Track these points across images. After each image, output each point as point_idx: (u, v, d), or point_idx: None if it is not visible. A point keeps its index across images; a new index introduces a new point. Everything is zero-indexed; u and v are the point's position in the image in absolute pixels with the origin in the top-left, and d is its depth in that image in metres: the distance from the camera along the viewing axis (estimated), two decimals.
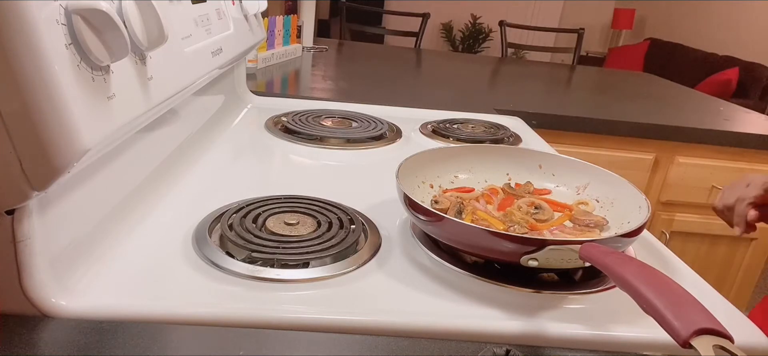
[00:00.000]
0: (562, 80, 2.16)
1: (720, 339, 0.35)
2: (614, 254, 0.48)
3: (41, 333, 0.42)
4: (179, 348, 0.42)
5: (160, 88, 0.55)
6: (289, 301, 0.49)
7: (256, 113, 1.09)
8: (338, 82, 1.64)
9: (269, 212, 0.62)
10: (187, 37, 0.66)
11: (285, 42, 1.72)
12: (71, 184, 0.47)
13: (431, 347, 0.45)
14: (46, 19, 0.38)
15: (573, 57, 2.86)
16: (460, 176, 0.75)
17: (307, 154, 0.91)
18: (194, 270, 0.52)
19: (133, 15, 0.47)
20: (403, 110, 1.23)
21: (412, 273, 0.55)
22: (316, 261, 0.54)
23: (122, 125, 0.47)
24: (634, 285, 0.42)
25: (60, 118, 0.38)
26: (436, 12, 4.83)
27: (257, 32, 1.01)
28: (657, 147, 1.49)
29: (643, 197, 0.62)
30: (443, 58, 2.57)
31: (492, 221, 0.63)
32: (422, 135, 1.06)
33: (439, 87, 1.78)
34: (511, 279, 0.55)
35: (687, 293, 0.40)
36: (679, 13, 4.99)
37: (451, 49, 5.34)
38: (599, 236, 0.62)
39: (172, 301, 0.47)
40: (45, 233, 0.43)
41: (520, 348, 0.44)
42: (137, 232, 0.57)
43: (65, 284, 0.46)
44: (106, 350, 0.41)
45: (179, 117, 0.76)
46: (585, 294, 0.55)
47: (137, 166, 0.63)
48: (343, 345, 0.45)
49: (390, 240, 0.61)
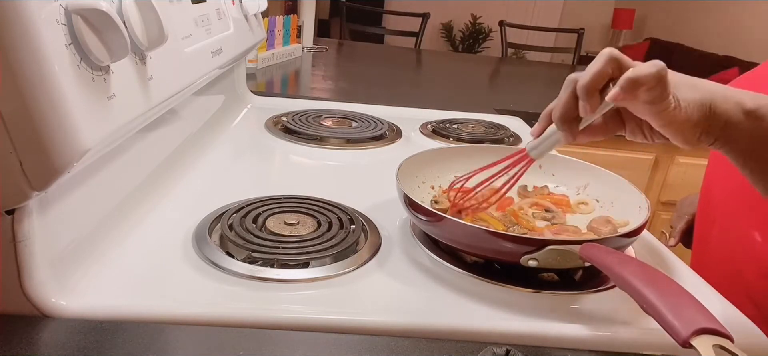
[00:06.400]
0: (562, 80, 2.15)
1: (720, 338, 0.35)
2: (614, 255, 0.48)
3: (41, 333, 0.42)
4: (179, 348, 0.42)
5: (160, 88, 0.55)
6: (289, 301, 0.49)
7: (256, 113, 1.09)
8: (338, 82, 1.64)
9: (269, 212, 0.62)
10: (187, 37, 0.66)
11: (285, 42, 1.72)
12: (71, 184, 0.47)
13: (431, 347, 0.45)
14: (46, 19, 0.38)
15: (573, 57, 2.86)
16: (460, 176, 0.75)
17: (307, 154, 0.91)
18: (194, 270, 0.52)
19: (133, 15, 0.47)
20: (403, 110, 1.23)
21: (412, 273, 0.55)
22: (316, 261, 0.54)
23: (122, 125, 0.47)
24: (634, 285, 0.42)
25: (60, 118, 0.38)
26: (436, 12, 4.82)
27: (257, 32, 1.01)
28: (657, 147, 1.49)
29: (643, 197, 0.62)
30: (443, 58, 2.56)
31: (492, 221, 0.63)
32: (422, 135, 1.06)
33: (439, 87, 1.78)
34: (511, 279, 0.54)
35: (687, 293, 0.40)
36: (679, 13, 4.99)
37: (451, 49, 5.34)
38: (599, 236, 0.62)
39: (172, 301, 0.47)
40: (45, 233, 0.43)
41: (520, 348, 0.44)
42: (137, 232, 0.57)
43: (65, 284, 0.46)
44: (106, 350, 0.41)
45: (179, 117, 0.76)
46: (585, 294, 0.55)
47: (137, 166, 0.63)
48: (343, 345, 0.44)
49: (390, 240, 0.61)
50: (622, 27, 5.44)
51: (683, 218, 0.90)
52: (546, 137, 0.55)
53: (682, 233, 0.89)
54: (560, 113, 0.51)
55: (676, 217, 0.92)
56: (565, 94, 0.51)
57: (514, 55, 3.57)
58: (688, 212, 0.89)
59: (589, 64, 0.48)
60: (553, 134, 0.54)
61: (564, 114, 0.51)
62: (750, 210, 0.69)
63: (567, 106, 0.51)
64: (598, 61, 0.47)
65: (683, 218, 0.90)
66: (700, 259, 0.80)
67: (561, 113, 0.51)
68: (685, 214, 0.90)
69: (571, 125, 0.52)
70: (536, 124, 0.56)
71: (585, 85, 0.48)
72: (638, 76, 0.44)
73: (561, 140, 0.53)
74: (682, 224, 0.89)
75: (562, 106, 0.51)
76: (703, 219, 0.80)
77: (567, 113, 0.51)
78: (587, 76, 0.48)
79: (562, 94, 0.51)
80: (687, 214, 0.89)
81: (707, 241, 0.78)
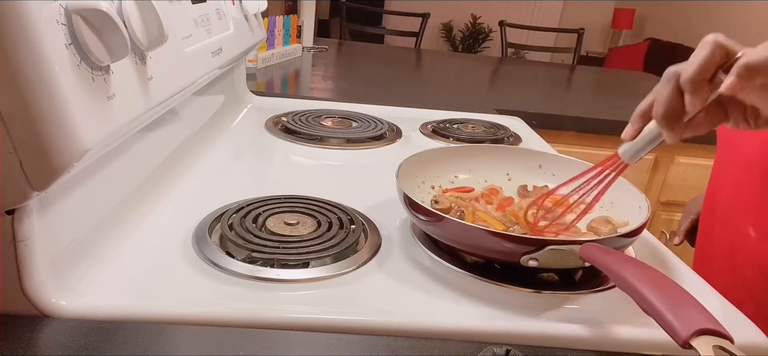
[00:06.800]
0: (562, 80, 2.16)
1: (720, 339, 0.35)
2: (614, 255, 0.48)
3: (41, 333, 0.42)
4: (179, 348, 0.42)
5: (160, 88, 0.55)
6: (289, 301, 0.49)
7: (256, 113, 1.09)
8: (338, 82, 1.64)
9: (269, 212, 0.62)
10: (187, 37, 0.66)
11: (285, 42, 1.72)
12: (71, 184, 0.47)
13: (431, 347, 0.45)
14: (46, 19, 0.38)
15: (573, 57, 2.86)
16: (460, 176, 0.75)
17: (307, 154, 0.91)
18: (194, 269, 0.52)
19: (133, 15, 0.47)
20: (403, 110, 1.23)
21: (412, 273, 0.55)
22: (316, 261, 0.54)
23: (122, 125, 0.47)
24: (634, 285, 0.42)
25: (60, 118, 0.38)
26: (436, 12, 4.82)
27: (257, 32, 1.01)
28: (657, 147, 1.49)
29: (643, 197, 0.62)
30: (443, 58, 2.56)
31: (492, 221, 0.63)
32: (422, 135, 1.06)
33: (439, 87, 1.78)
34: (511, 279, 0.54)
35: (687, 293, 0.40)
36: (679, 13, 4.99)
37: (451, 49, 5.34)
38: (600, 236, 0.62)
39: (172, 301, 0.47)
40: (45, 233, 0.43)
41: (520, 348, 0.44)
42: (137, 232, 0.57)
43: (65, 284, 0.46)
44: (106, 350, 0.41)
45: (179, 117, 0.76)
46: (585, 294, 0.55)
47: (137, 166, 0.63)
48: (343, 345, 0.45)
49: (390, 240, 0.61)
50: (622, 27, 5.44)
51: (688, 218, 0.90)
52: (644, 137, 0.51)
53: (686, 232, 0.90)
54: (663, 110, 0.47)
55: (683, 217, 0.93)
56: (666, 89, 0.46)
57: (514, 55, 3.57)
58: (694, 212, 0.90)
59: (693, 54, 0.44)
60: (652, 133, 0.50)
61: (668, 111, 0.47)
62: (746, 206, 0.69)
63: (671, 102, 0.46)
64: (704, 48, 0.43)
65: (689, 217, 0.90)
66: (703, 257, 0.81)
67: (664, 110, 0.47)
68: (690, 213, 0.91)
69: (676, 122, 0.47)
70: (628, 126, 0.52)
71: (691, 76, 0.44)
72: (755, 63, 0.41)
73: (664, 139, 0.49)
74: (687, 224, 0.90)
75: (666, 102, 0.46)
76: (707, 218, 0.80)
77: (672, 110, 0.46)
78: (693, 66, 0.44)
79: (663, 89, 0.47)
80: (693, 213, 0.90)
81: (710, 239, 0.78)
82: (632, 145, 0.51)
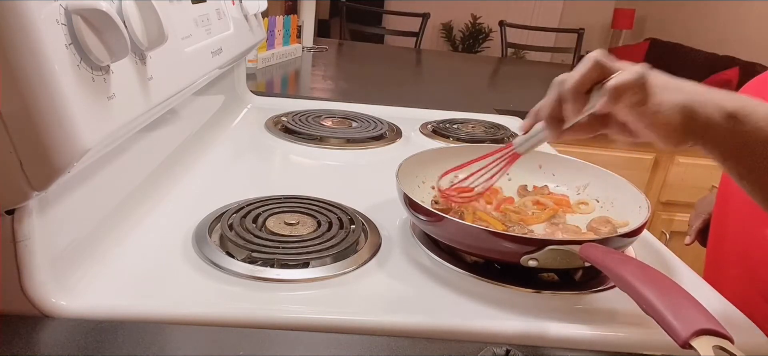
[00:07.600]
0: None
1: (720, 339, 0.35)
2: (614, 255, 0.48)
3: (41, 333, 0.42)
4: (179, 348, 0.42)
5: (160, 88, 0.55)
6: (289, 301, 0.49)
7: (256, 113, 1.09)
8: (338, 82, 1.64)
9: (269, 212, 0.62)
10: (187, 37, 0.66)
11: (285, 42, 1.72)
12: (71, 184, 0.47)
13: (431, 347, 0.45)
14: (46, 19, 0.38)
15: (573, 57, 2.86)
16: (460, 176, 0.75)
17: (307, 154, 0.91)
18: (194, 269, 0.52)
19: (133, 15, 0.47)
20: (403, 110, 1.23)
21: (412, 273, 0.55)
22: (316, 261, 0.54)
23: (122, 125, 0.47)
24: (634, 285, 0.42)
25: (60, 118, 0.38)
26: (436, 12, 4.82)
27: (257, 32, 1.01)
28: (657, 147, 1.49)
29: (643, 197, 0.62)
30: (443, 58, 2.57)
31: (492, 221, 0.63)
32: (422, 135, 1.06)
33: (439, 87, 1.78)
34: (511, 279, 0.55)
35: (687, 293, 0.40)
36: (679, 13, 4.99)
37: (451, 49, 5.33)
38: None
39: (172, 301, 0.47)
40: (45, 233, 0.43)
41: (520, 348, 0.44)
42: (137, 232, 0.57)
43: (65, 284, 0.46)
44: (106, 350, 0.41)
45: (179, 117, 0.76)
46: (585, 293, 0.55)
47: (137, 166, 0.63)
48: (343, 345, 0.45)
49: (390, 240, 0.61)
50: (622, 27, 5.44)
51: (700, 217, 0.89)
52: (533, 134, 0.56)
53: (698, 232, 0.89)
54: (547, 113, 0.53)
55: (694, 216, 0.92)
56: (551, 95, 0.52)
57: (514, 55, 3.56)
58: (706, 212, 0.89)
59: (575, 68, 0.49)
60: (539, 131, 0.55)
61: (550, 114, 0.53)
62: (761, 209, 0.69)
63: (553, 106, 0.52)
64: (584, 65, 0.49)
65: (700, 216, 0.89)
66: (715, 258, 0.80)
67: (548, 113, 0.53)
68: (702, 213, 0.90)
69: (557, 125, 0.53)
70: (525, 119, 0.57)
71: (570, 88, 0.49)
72: (621, 84, 0.46)
73: (547, 138, 0.55)
74: (699, 223, 0.89)
75: (549, 106, 0.52)
76: (719, 218, 0.80)
77: (553, 113, 0.52)
78: (572, 80, 0.49)
79: (550, 94, 0.52)
80: (704, 213, 0.89)
81: (723, 240, 0.77)
82: (525, 138, 0.57)
